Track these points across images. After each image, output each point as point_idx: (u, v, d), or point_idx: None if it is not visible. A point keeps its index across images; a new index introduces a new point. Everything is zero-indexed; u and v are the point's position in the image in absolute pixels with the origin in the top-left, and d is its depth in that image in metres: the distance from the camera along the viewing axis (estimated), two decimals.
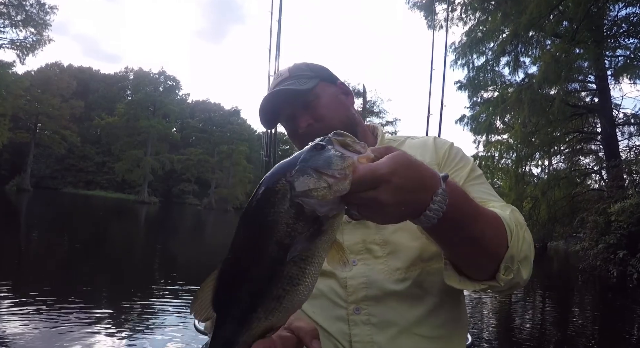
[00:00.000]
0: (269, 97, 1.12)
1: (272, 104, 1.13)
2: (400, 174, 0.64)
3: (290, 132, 1.15)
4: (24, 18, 32.97)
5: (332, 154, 0.63)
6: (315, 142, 0.66)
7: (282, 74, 1.17)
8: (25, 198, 35.73)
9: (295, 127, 1.12)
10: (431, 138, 1.18)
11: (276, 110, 1.15)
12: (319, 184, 0.61)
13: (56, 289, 6.49)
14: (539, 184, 19.62)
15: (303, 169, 0.62)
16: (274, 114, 1.16)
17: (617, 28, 15.52)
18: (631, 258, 12.02)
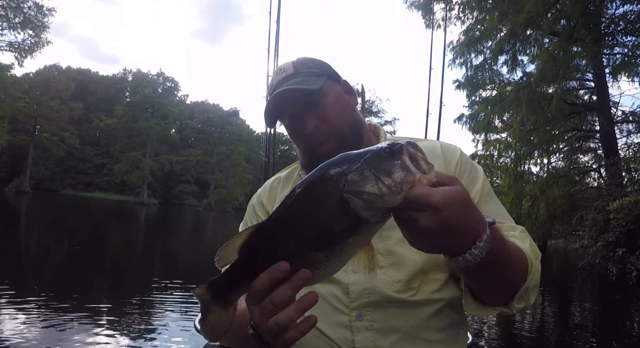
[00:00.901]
0: (277, 96, 1.06)
1: (278, 102, 1.08)
2: (452, 210, 0.63)
3: (293, 131, 1.11)
4: (22, 20, 32.93)
5: (397, 164, 0.62)
6: (387, 144, 0.64)
7: (285, 69, 1.10)
8: (24, 201, 35.70)
9: (301, 127, 1.07)
10: (437, 145, 1.13)
11: (281, 109, 1.09)
12: (371, 189, 0.61)
13: (56, 291, 6.49)
14: (537, 182, 19.64)
15: (363, 168, 0.62)
16: (279, 112, 1.11)
17: (614, 26, 15.51)
18: (630, 256, 12.02)
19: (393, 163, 0.62)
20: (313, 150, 1.06)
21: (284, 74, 1.09)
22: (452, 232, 0.64)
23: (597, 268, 13.20)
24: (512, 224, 1.02)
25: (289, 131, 1.13)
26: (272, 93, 1.08)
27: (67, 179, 61.65)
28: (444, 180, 0.65)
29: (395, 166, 0.62)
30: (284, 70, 1.09)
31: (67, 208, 32.20)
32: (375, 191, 0.61)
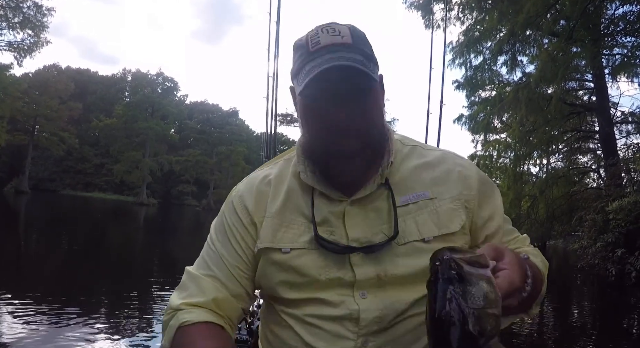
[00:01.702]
0: (335, 68, 0.82)
1: (331, 74, 0.83)
2: (521, 277, 0.73)
3: (321, 115, 0.89)
4: (22, 20, 32.88)
5: (484, 287, 0.62)
6: (444, 271, 0.63)
7: (341, 32, 0.87)
8: (23, 201, 35.68)
9: (337, 115, 0.87)
10: (450, 160, 1.02)
11: (328, 82, 0.84)
12: (490, 323, 0.62)
13: (55, 291, 6.49)
14: (537, 183, 19.65)
15: (476, 314, 0.61)
16: (324, 83, 0.84)
17: (614, 26, 15.51)
18: (629, 257, 12.02)
19: (481, 288, 0.62)
20: (333, 145, 0.89)
21: (339, 38, 0.86)
22: (517, 291, 0.73)
23: (596, 268, 13.20)
24: (517, 233, 1.08)
25: (310, 108, 0.90)
26: (316, 51, 0.86)
27: (66, 179, 61.60)
28: (491, 255, 0.70)
29: (486, 290, 0.62)
30: (338, 33, 0.87)
31: (66, 208, 32.18)
32: (493, 322, 0.63)
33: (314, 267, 0.94)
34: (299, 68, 0.88)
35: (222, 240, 1.02)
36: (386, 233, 0.94)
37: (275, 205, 0.99)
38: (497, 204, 1.04)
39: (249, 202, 1.02)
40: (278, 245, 0.96)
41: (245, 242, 1.00)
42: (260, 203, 1.01)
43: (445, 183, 0.99)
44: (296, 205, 0.99)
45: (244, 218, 1.01)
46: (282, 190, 1.01)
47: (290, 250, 0.95)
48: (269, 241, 0.97)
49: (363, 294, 0.93)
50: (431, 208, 0.96)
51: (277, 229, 0.97)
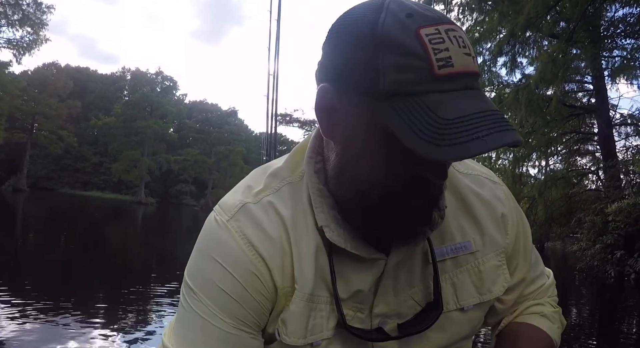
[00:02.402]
0: (484, 116, 0.53)
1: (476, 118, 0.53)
2: None
3: (416, 166, 0.58)
4: (21, 17, 32.91)
5: None
6: None
7: (469, 47, 0.58)
8: (21, 199, 35.62)
9: (439, 173, 0.59)
10: (489, 190, 0.79)
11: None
12: None
13: (52, 290, 6.46)
14: (536, 184, 19.65)
15: None
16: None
17: (614, 28, 15.53)
18: (628, 259, 12.02)
19: None
20: (398, 209, 0.62)
21: (471, 60, 0.57)
22: None
23: (595, 270, 13.19)
24: (543, 279, 0.93)
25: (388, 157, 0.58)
26: (447, 77, 0.53)
27: (64, 178, 61.55)
28: None
29: None
30: (468, 51, 0.57)
31: (64, 207, 32.14)
32: None
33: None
34: (405, 89, 0.54)
35: (230, 313, 0.66)
36: (417, 300, 0.73)
37: (306, 278, 0.67)
38: (527, 246, 0.84)
39: (271, 259, 0.67)
40: (310, 339, 0.68)
41: (262, 317, 0.69)
42: (286, 267, 0.68)
43: (490, 229, 0.76)
44: (322, 274, 0.68)
45: (267, 283, 0.67)
46: (307, 251, 0.68)
47: (322, 341, 0.69)
48: (301, 336, 0.68)
49: None
50: (473, 266, 0.75)
51: (308, 316, 0.68)
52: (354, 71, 0.56)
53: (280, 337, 0.68)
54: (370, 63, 0.54)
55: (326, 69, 0.61)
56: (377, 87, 0.54)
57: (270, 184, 0.72)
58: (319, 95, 0.62)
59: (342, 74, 0.58)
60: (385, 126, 0.55)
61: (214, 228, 0.70)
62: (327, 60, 0.61)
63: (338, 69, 0.59)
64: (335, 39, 0.60)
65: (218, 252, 0.67)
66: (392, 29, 0.54)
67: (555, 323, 0.90)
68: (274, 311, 0.69)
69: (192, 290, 0.68)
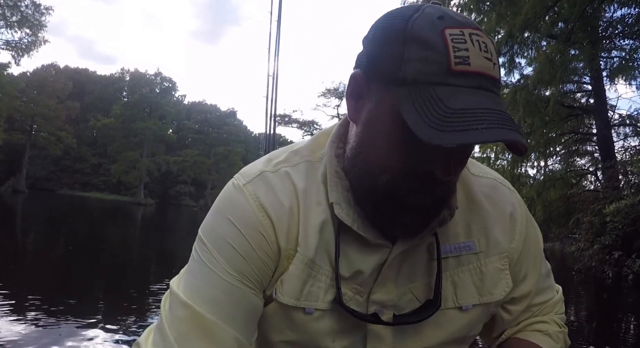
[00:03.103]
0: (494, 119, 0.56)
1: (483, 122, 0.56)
2: None
3: (425, 160, 0.63)
4: (19, 19, 32.94)
5: None
6: None
7: (491, 52, 0.61)
8: (20, 200, 35.60)
9: (445, 167, 0.62)
10: (503, 196, 0.81)
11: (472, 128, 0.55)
12: None
13: (51, 291, 6.46)
14: (534, 185, 19.66)
15: None
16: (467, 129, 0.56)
17: (612, 29, 15.56)
18: (626, 259, 12.02)
19: None
20: (414, 194, 0.65)
21: (490, 65, 0.60)
22: None
23: (593, 271, 13.20)
24: (551, 292, 0.92)
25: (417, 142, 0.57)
26: (461, 74, 0.58)
27: (63, 179, 61.55)
28: None
29: None
30: (490, 55, 0.60)
31: (63, 208, 32.13)
32: None
33: (330, 333, 0.74)
34: (423, 79, 0.59)
35: (238, 269, 0.70)
36: (416, 295, 0.75)
37: (309, 244, 0.71)
38: (538, 257, 0.85)
39: (278, 221, 0.71)
40: (303, 304, 0.72)
41: (265, 276, 0.72)
42: (291, 231, 0.72)
43: (496, 232, 0.78)
44: (326, 247, 0.72)
45: (272, 244, 0.71)
46: (313, 222, 0.72)
47: (314, 311, 0.72)
48: (294, 297, 0.72)
49: None
50: (475, 266, 0.76)
51: (305, 281, 0.72)
52: (384, 61, 0.62)
53: (275, 295, 0.72)
54: (397, 54, 0.60)
55: (361, 58, 0.68)
56: (399, 75, 0.60)
57: (290, 158, 0.77)
58: (351, 80, 0.68)
59: (374, 63, 0.64)
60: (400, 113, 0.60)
61: (231, 191, 0.75)
62: (364, 51, 0.67)
63: (371, 58, 0.65)
64: (373, 32, 0.66)
65: (231, 212, 0.72)
66: (421, 26, 0.60)
67: (558, 343, 0.86)
68: (276, 273, 0.72)
69: (205, 244, 0.72)
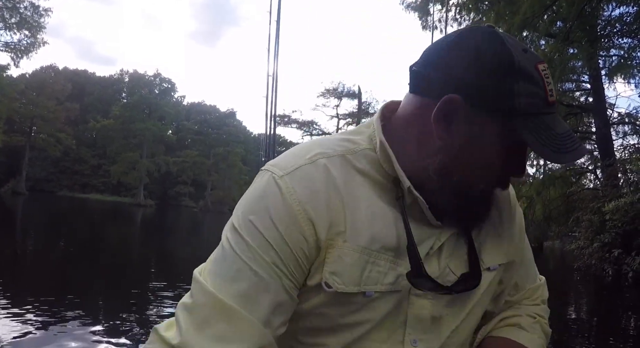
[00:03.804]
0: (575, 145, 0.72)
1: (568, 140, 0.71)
2: None
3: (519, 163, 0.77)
4: (18, 21, 32.91)
5: None
6: None
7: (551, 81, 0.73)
8: (20, 202, 35.58)
9: (521, 168, 0.77)
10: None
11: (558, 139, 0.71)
12: None
13: (52, 293, 6.47)
14: (534, 184, 19.67)
15: None
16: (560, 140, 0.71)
17: (610, 28, 15.57)
18: (626, 257, 12.04)
19: None
20: (488, 189, 0.78)
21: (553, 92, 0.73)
22: None
23: (593, 269, 13.21)
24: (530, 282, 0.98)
25: (519, 154, 0.76)
26: (552, 106, 0.73)
27: (63, 180, 61.51)
28: None
29: None
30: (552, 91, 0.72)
31: (63, 209, 32.11)
32: None
33: (383, 313, 0.77)
34: (534, 110, 0.70)
35: (270, 262, 0.71)
36: (452, 270, 0.80)
37: (361, 233, 0.74)
38: (525, 239, 0.95)
39: (316, 214, 0.73)
40: (364, 288, 0.74)
41: (299, 270, 0.74)
42: (334, 223, 0.74)
43: (505, 206, 0.88)
44: (382, 232, 0.75)
45: (309, 238, 0.72)
46: (361, 207, 0.75)
47: (374, 293, 0.75)
48: (355, 284, 0.73)
49: (414, 342, 0.79)
50: (494, 232, 0.85)
51: (364, 268, 0.74)
52: (493, 93, 0.69)
53: (330, 288, 0.73)
54: (508, 88, 0.68)
55: (460, 83, 0.70)
56: (511, 106, 0.69)
57: (326, 151, 0.79)
58: (447, 104, 0.70)
59: (480, 93, 0.69)
60: (515, 137, 0.70)
61: (267, 184, 0.75)
62: (460, 77, 0.71)
63: (474, 87, 0.69)
64: (472, 64, 0.70)
65: (267, 206, 0.73)
66: (524, 62, 0.69)
67: (534, 333, 0.90)
68: (316, 263, 0.74)
69: (240, 235, 0.73)
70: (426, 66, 0.76)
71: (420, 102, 0.76)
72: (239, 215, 0.75)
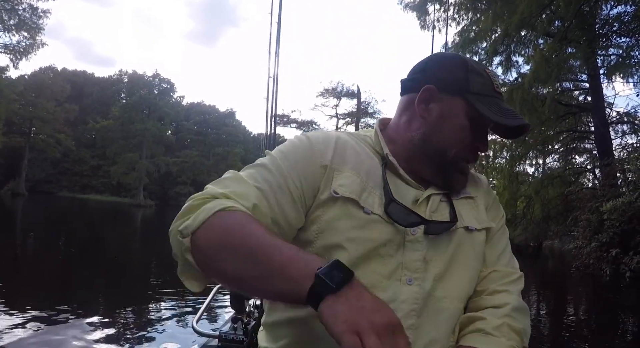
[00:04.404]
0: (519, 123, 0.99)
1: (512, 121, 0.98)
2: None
3: (479, 135, 1.01)
4: (17, 22, 32.85)
5: None
6: None
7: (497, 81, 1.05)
8: (20, 203, 35.59)
9: (485, 142, 1.03)
10: (483, 177, 1.17)
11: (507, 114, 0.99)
12: None
13: (52, 294, 6.49)
14: (532, 183, 19.69)
15: None
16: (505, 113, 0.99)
17: (608, 27, 15.56)
18: (624, 257, 12.06)
19: None
20: (463, 161, 1.01)
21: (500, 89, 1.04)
22: None
23: (591, 268, 13.23)
24: (512, 272, 1.05)
25: (480, 125, 1.00)
26: (498, 93, 1.01)
27: (63, 181, 61.51)
28: None
29: None
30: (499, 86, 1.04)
31: (63, 210, 32.12)
32: None
33: (380, 238, 0.92)
34: (483, 92, 0.99)
35: (287, 166, 0.93)
36: (435, 219, 0.97)
37: (360, 166, 0.97)
38: (505, 228, 1.13)
39: (327, 148, 0.97)
40: (362, 203, 0.92)
41: (314, 179, 0.95)
42: (339, 155, 0.97)
43: (479, 189, 1.11)
44: (375, 179, 0.96)
45: (320, 158, 0.96)
46: (362, 158, 0.99)
47: (371, 212, 0.92)
48: (355, 194, 0.93)
49: (409, 280, 0.92)
50: (472, 205, 1.05)
51: (363, 189, 0.94)
52: (454, 81, 0.99)
53: (337, 193, 0.92)
54: (464, 78, 0.99)
55: (432, 78, 1.00)
56: (469, 89, 0.98)
57: (338, 132, 1.06)
58: (424, 91, 0.99)
59: (445, 82, 0.99)
60: (473, 110, 0.97)
61: (292, 138, 1.03)
62: (431, 75, 1.01)
63: (441, 79, 1.00)
64: (439, 66, 1.03)
65: (294, 142, 1.01)
66: (476, 66, 1.01)
67: (502, 337, 0.93)
68: (324, 181, 0.94)
69: (270, 154, 0.99)
70: (410, 75, 1.07)
71: (407, 98, 1.05)
72: (271, 153, 1.00)
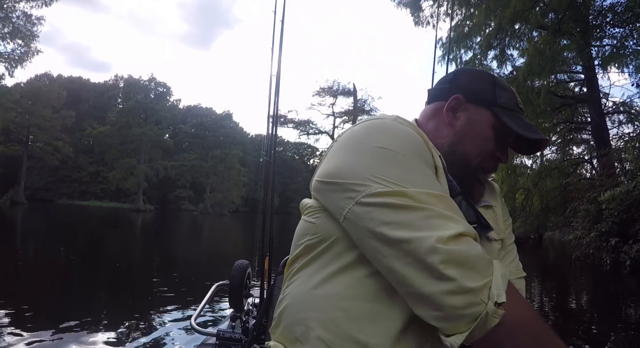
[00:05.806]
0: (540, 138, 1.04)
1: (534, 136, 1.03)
2: None
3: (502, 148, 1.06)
4: (11, 30, 32.79)
5: None
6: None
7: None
8: (20, 211, 35.55)
9: (505, 155, 1.07)
10: (496, 185, 1.22)
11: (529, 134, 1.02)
12: None
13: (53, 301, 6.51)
14: (530, 175, 19.74)
15: None
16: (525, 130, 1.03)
17: (602, 18, 15.59)
18: (623, 245, 12.11)
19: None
20: (483, 173, 1.06)
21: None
22: None
23: (591, 258, 13.29)
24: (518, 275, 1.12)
25: (505, 139, 1.05)
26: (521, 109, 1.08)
27: (62, 188, 61.43)
28: None
29: None
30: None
31: (63, 217, 32.10)
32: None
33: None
34: (509, 106, 1.04)
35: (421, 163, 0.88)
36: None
37: (444, 178, 0.93)
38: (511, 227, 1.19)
39: (430, 156, 0.91)
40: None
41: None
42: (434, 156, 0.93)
43: (496, 197, 1.16)
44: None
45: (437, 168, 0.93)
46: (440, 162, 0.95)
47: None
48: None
49: None
50: (491, 215, 1.09)
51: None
52: (482, 92, 1.04)
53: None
54: (491, 91, 1.04)
55: (460, 89, 1.05)
56: (496, 102, 1.03)
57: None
58: (454, 100, 1.04)
59: (473, 93, 1.04)
60: (499, 122, 1.02)
61: (384, 122, 0.92)
62: (460, 86, 1.06)
63: (470, 90, 1.05)
64: (469, 79, 1.08)
65: (399, 133, 0.89)
66: (502, 82, 1.07)
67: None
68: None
69: (390, 151, 0.85)
70: (438, 85, 1.12)
71: (435, 105, 1.09)
72: (378, 143, 0.88)
